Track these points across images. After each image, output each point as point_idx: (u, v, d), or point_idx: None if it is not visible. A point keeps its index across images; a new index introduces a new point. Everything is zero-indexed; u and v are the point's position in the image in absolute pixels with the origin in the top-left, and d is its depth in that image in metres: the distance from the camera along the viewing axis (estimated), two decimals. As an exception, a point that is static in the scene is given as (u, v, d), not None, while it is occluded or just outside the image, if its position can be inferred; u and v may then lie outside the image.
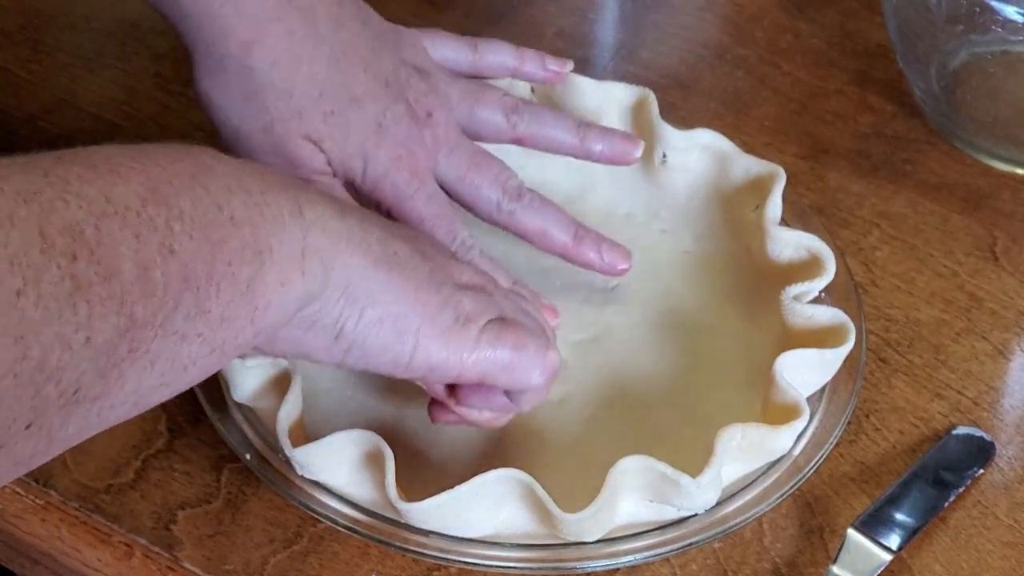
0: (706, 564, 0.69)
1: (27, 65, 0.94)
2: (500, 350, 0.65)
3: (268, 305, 0.56)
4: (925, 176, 0.88)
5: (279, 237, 0.57)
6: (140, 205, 0.50)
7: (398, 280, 0.62)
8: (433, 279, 0.64)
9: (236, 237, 0.54)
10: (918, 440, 0.74)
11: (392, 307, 0.62)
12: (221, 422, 0.71)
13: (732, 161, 0.81)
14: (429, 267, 0.64)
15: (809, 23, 0.99)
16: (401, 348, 0.63)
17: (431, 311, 0.63)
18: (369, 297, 0.61)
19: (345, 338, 0.62)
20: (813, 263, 0.76)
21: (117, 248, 0.49)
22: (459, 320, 0.64)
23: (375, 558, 0.68)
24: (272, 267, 0.56)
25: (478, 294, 0.66)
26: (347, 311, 0.61)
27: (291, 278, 0.57)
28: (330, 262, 0.59)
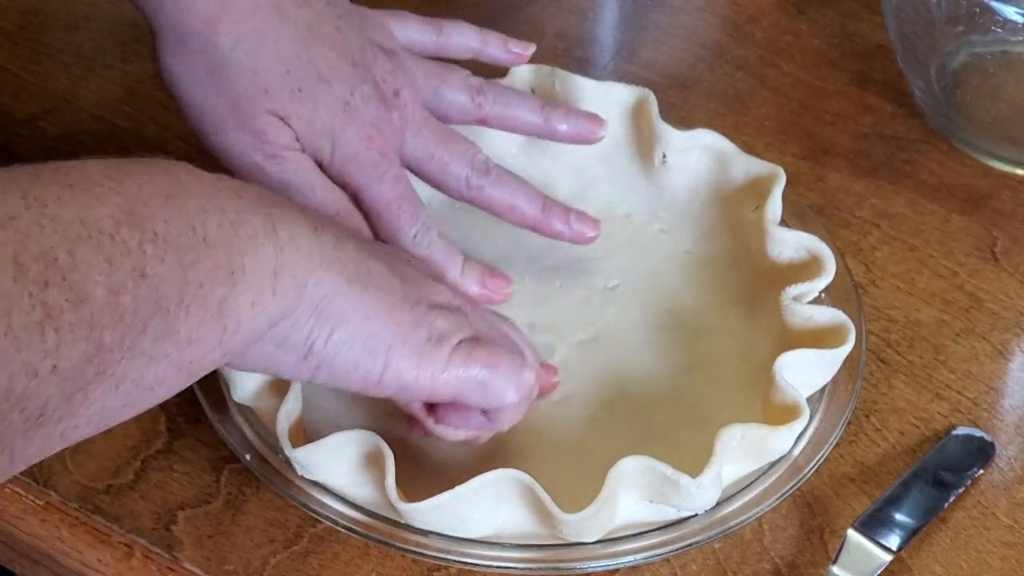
0: (706, 564, 0.69)
1: (27, 65, 0.94)
2: (472, 369, 0.65)
3: (238, 325, 0.57)
4: (925, 176, 0.88)
5: (252, 257, 0.57)
6: (114, 228, 0.51)
7: (371, 299, 0.62)
8: (407, 298, 0.64)
9: (209, 258, 0.55)
10: (918, 440, 0.75)
11: (363, 326, 0.62)
12: (221, 423, 0.71)
13: (732, 161, 0.81)
14: (404, 286, 0.64)
15: (809, 23, 0.99)
16: (371, 367, 0.63)
17: (403, 330, 0.63)
18: (341, 316, 0.61)
19: (315, 356, 0.62)
20: (813, 263, 0.76)
21: (89, 273, 0.49)
22: (431, 339, 0.64)
23: (375, 558, 0.69)
24: (244, 288, 0.56)
25: (453, 314, 0.66)
26: (317, 329, 0.61)
27: (262, 298, 0.57)
28: (303, 280, 0.59)
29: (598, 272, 0.81)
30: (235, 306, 0.56)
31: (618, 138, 0.83)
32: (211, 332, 0.55)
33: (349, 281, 0.61)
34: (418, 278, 0.66)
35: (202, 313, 0.54)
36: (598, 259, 0.81)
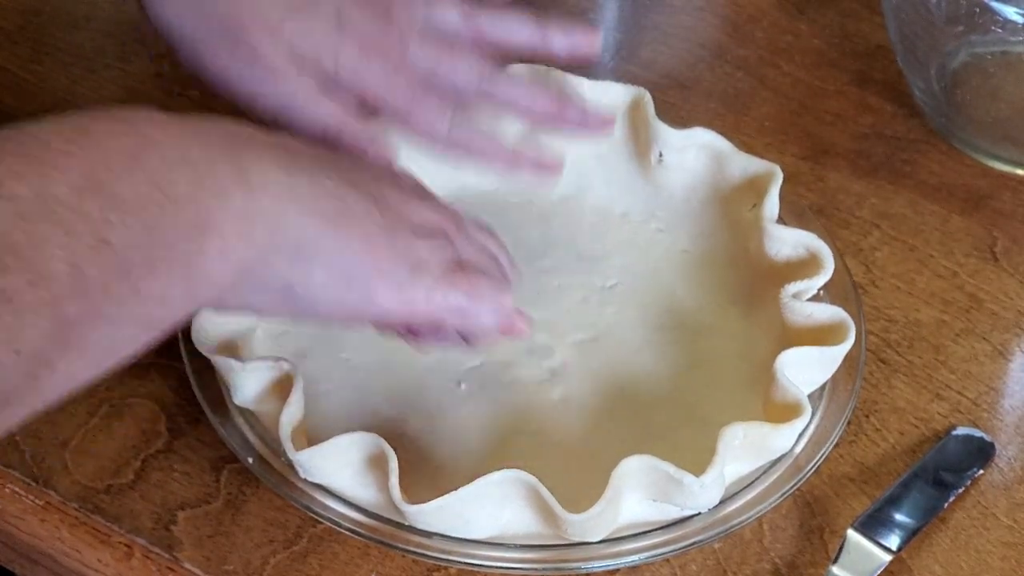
0: (706, 564, 0.69)
1: (28, 65, 0.94)
2: (452, 297, 0.64)
3: (208, 277, 0.56)
4: (925, 177, 0.88)
5: (222, 208, 0.55)
6: (75, 199, 0.50)
7: (350, 235, 0.61)
8: (388, 228, 0.62)
9: (176, 216, 0.53)
10: (918, 440, 0.75)
11: (343, 263, 0.61)
12: (222, 425, 0.71)
13: (729, 160, 0.81)
14: (385, 215, 0.63)
15: (809, 23, 0.99)
16: (353, 302, 0.62)
17: (384, 263, 0.62)
18: (319, 255, 0.60)
19: (295, 296, 0.60)
20: (811, 261, 0.76)
21: (48, 249, 0.49)
22: (413, 269, 0.63)
23: (375, 558, 0.69)
24: (212, 240, 0.55)
25: (435, 238, 0.65)
26: (296, 271, 0.60)
27: (233, 247, 0.56)
28: (276, 225, 0.58)
29: (596, 272, 0.81)
30: (203, 259, 0.55)
31: (615, 138, 0.83)
32: (180, 289, 0.54)
33: (325, 219, 0.60)
34: (401, 201, 0.65)
35: (170, 272, 0.53)
36: (596, 259, 0.81)
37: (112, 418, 0.73)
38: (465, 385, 0.75)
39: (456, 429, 0.73)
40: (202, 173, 0.55)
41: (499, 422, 0.73)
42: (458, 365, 0.75)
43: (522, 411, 0.74)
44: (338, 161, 0.65)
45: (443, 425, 0.73)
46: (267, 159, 0.59)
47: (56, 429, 0.73)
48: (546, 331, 0.77)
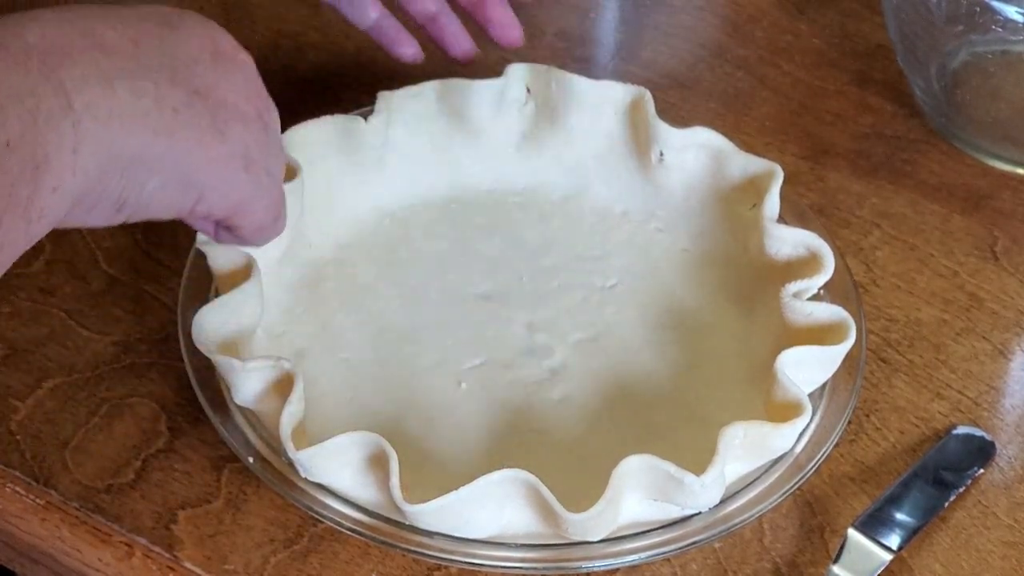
0: (706, 564, 0.69)
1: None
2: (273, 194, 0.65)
3: (42, 213, 0.55)
4: (925, 176, 0.89)
5: (53, 143, 0.55)
6: None
7: (179, 141, 0.60)
8: (215, 124, 0.61)
9: (13, 162, 0.53)
10: (918, 440, 0.75)
11: (176, 170, 0.60)
12: (222, 424, 0.71)
13: (729, 159, 0.81)
14: (211, 109, 0.61)
15: (809, 23, 0.99)
16: (185, 203, 0.62)
17: (216, 165, 0.61)
18: (150, 168, 0.59)
19: (128, 207, 0.60)
20: (812, 260, 0.76)
21: None
22: (246, 165, 0.63)
23: (376, 558, 0.69)
24: (47, 176, 0.55)
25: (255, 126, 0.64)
26: (128, 186, 0.59)
27: (63, 180, 0.56)
28: (104, 148, 0.57)
29: (596, 271, 0.81)
30: (40, 197, 0.55)
31: (615, 137, 0.83)
32: (18, 230, 0.55)
33: (154, 132, 0.58)
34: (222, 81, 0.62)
35: (11, 217, 0.54)
36: (596, 258, 0.81)
37: (112, 418, 0.73)
38: (465, 384, 0.75)
39: (456, 428, 0.73)
40: (31, 108, 0.54)
41: (499, 421, 0.73)
42: (458, 364, 0.75)
43: (522, 411, 0.74)
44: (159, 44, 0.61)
45: (443, 424, 0.73)
46: (89, 75, 0.57)
47: (56, 429, 0.73)
48: (546, 331, 0.77)
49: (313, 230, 0.78)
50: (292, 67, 0.94)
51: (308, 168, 0.77)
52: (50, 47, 0.56)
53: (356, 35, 0.86)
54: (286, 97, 0.72)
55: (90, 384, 0.75)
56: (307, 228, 0.78)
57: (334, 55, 0.95)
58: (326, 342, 0.76)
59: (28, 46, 0.56)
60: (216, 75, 0.62)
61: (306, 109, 0.81)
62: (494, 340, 0.77)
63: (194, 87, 0.61)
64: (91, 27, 0.58)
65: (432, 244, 0.81)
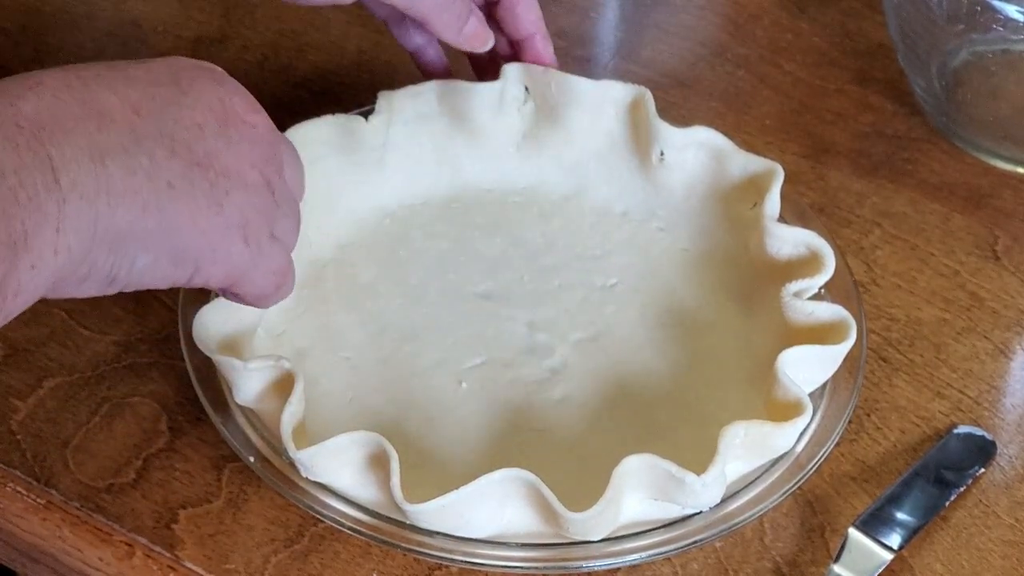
0: (707, 563, 0.69)
1: (29, 65, 0.93)
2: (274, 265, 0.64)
3: (18, 291, 0.54)
4: (926, 175, 0.89)
5: (35, 220, 0.54)
6: None
7: (171, 216, 0.58)
8: (214, 195, 0.60)
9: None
10: (919, 439, 0.75)
11: (167, 245, 0.59)
12: (223, 424, 0.71)
13: (729, 158, 0.81)
14: (211, 180, 0.60)
15: (810, 22, 0.99)
16: (179, 276, 0.61)
17: (212, 236, 0.60)
18: (141, 244, 0.58)
19: (119, 281, 0.59)
20: (812, 259, 0.76)
21: None
22: (243, 238, 0.61)
23: (376, 557, 0.69)
24: (25, 255, 0.54)
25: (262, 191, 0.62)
26: (118, 262, 0.58)
27: (43, 259, 0.54)
28: (89, 228, 0.56)
29: (596, 271, 0.81)
30: (16, 274, 0.54)
31: (615, 136, 0.83)
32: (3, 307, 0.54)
33: (145, 207, 0.57)
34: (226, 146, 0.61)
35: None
36: (596, 258, 0.81)
37: (113, 417, 0.74)
38: (466, 384, 0.75)
39: (457, 428, 0.73)
40: (12, 185, 0.53)
41: (500, 421, 0.73)
42: (459, 364, 0.75)
43: (523, 410, 0.74)
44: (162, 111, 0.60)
45: (444, 424, 0.73)
46: (78, 153, 0.56)
47: (57, 428, 0.73)
48: (547, 330, 0.77)
49: (313, 230, 0.78)
50: (293, 67, 0.94)
51: (308, 167, 0.76)
52: (44, 120, 0.55)
53: (357, 35, 0.86)
54: (287, 97, 0.72)
55: (91, 384, 0.75)
56: (307, 228, 0.78)
57: (335, 55, 0.95)
58: (327, 341, 0.76)
59: (22, 117, 0.55)
60: (221, 143, 0.60)
61: (307, 108, 0.81)
62: (495, 339, 0.77)
63: (195, 158, 0.59)
64: (93, 95, 0.57)
65: (432, 244, 0.81)
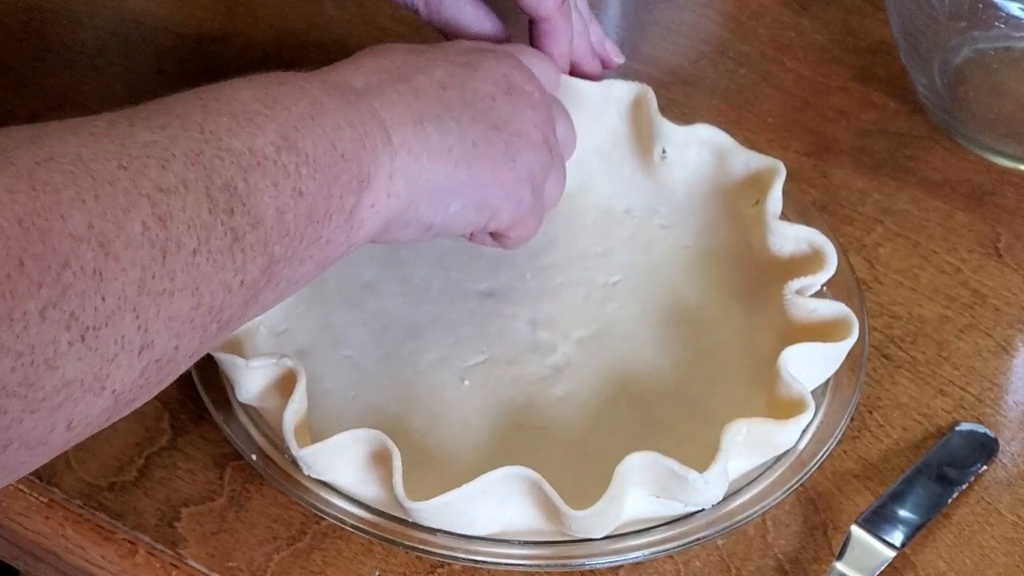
0: (709, 560, 0.69)
1: (30, 63, 0.94)
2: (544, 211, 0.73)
3: (362, 225, 0.64)
4: (928, 173, 0.88)
5: (375, 165, 0.63)
6: (276, 153, 0.58)
7: (478, 172, 0.68)
8: (507, 150, 0.69)
9: (346, 172, 0.62)
10: (921, 437, 0.75)
11: (474, 196, 0.68)
12: (225, 422, 0.71)
13: (731, 156, 0.81)
14: (505, 140, 0.69)
15: (812, 19, 0.99)
16: (481, 220, 0.70)
17: (508, 186, 0.69)
18: (452, 194, 0.67)
19: (434, 228, 0.68)
20: (814, 257, 0.76)
21: (262, 197, 0.57)
22: (532, 189, 0.71)
23: (379, 555, 0.69)
24: (368, 193, 0.63)
25: (542, 148, 0.71)
26: (435, 210, 0.67)
27: (380, 200, 0.64)
28: (415, 179, 0.65)
29: (599, 268, 0.81)
30: (361, 209, 0.63)
31: (617, 134, 0.83)
32: (343, 234, 0.63)
33: (456, 164, 0.67)
34: (514, 112, 0.70)
35: (339, 219, 0.62)
36: (599, 255, 0.81)
37: (115, 415, 0.73)
38: (468, 382, 0.75)
39: (459, 425, 0.73)
40: (361, 134, 0.63)
41: (502, 419, 0.73)
42: (461, 362, 0.75)
43: (525, 408, 0.74)
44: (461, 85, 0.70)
45: (446, 422, 0.73)
46: (404, 117, 0.66)
47: (60, 426, 0.73)
48: (549, 328, 0.77)
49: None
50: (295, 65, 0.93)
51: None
52: (373, 91, 0.66)
53: (359, 33, 0.86)
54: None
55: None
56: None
57: (337, 53, 0.94)
58: (329, 340, 0.76)
59: (355, 90, 0.65)
60: (509, 109, 0.70)
61: (309, 106, 0.81)
62: (497, 337, 0.77)
63: (492, 122, 0.69)
64: (405, 75, 0.68)
65: (434, 241, 0.81)
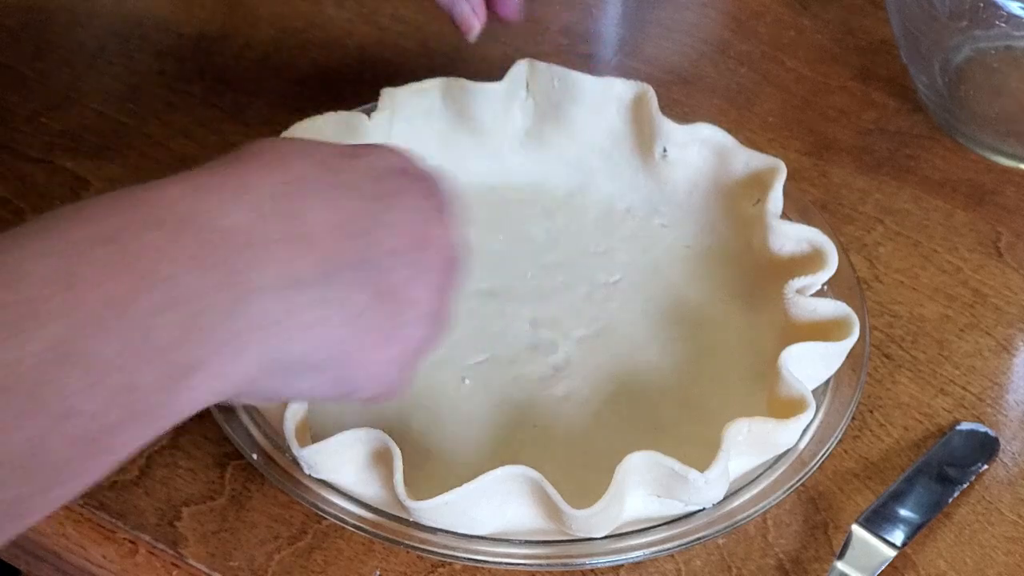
0: (710, 560, 0.69)
1: (30, 62, 0.94)
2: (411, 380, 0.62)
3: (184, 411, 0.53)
4: (929, 172, 0.88)
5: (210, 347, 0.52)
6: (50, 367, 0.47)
7: (347, 352, 0.57)
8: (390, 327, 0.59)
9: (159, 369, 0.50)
10: (922, 436, 0.75)
11: (333, 373, 0.58)
12: (227, 421, 0.71)
13: (732, 155, 0.81)
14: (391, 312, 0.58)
15: (812, 19, 0.99)
16: (334, 395, 0.60)
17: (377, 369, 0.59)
18: (309, 370, 0.57)
19: (276, 399, 0.61)
20: (815, 256, 0.76)
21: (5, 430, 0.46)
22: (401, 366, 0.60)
23: (379, 554, 0.69)
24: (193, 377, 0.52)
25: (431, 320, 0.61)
26: (282, 386, 0.57)
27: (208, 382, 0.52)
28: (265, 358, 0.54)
29: (600, 267, 0.81)
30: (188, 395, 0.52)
31: (618, 133, 0.83)
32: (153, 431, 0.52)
33: (323, 341, 0.56)
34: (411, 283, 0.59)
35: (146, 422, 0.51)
36: (600, 254, 0.81)
37: (116, 414, 0.73)
38: (469, 381, 0.75)
39: (460, 425, 0.73)
40: (196, 311, 0.51)
41: (503, 418, 0.73)
42: (462, 361, 0.75)
43: (526, 407, 0.74)
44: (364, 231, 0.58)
45: (447, 421, 0.73)
46: (275, 278, 0.54)
47: (60, 426, 0.73)
48: (550, 327, 0.77)
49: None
50: (295, 64, 0.94)
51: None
52: (245, 242, 0.53)
53: (359, 32, 0.86)
54: (289, 94, 0.72)
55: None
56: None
57: (337, 52, 0.95)
58: (330, 339, 0.76)
59: (225, 233, 0.53)
60: (410, 272, 0.59)
61: (309, 106, 0.81)
62: (498, 336, 0.77)
63: (384, 287, 0.58)
64: (300, 208, 0.55)
65: (435, 241, 0.81)
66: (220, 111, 0.90)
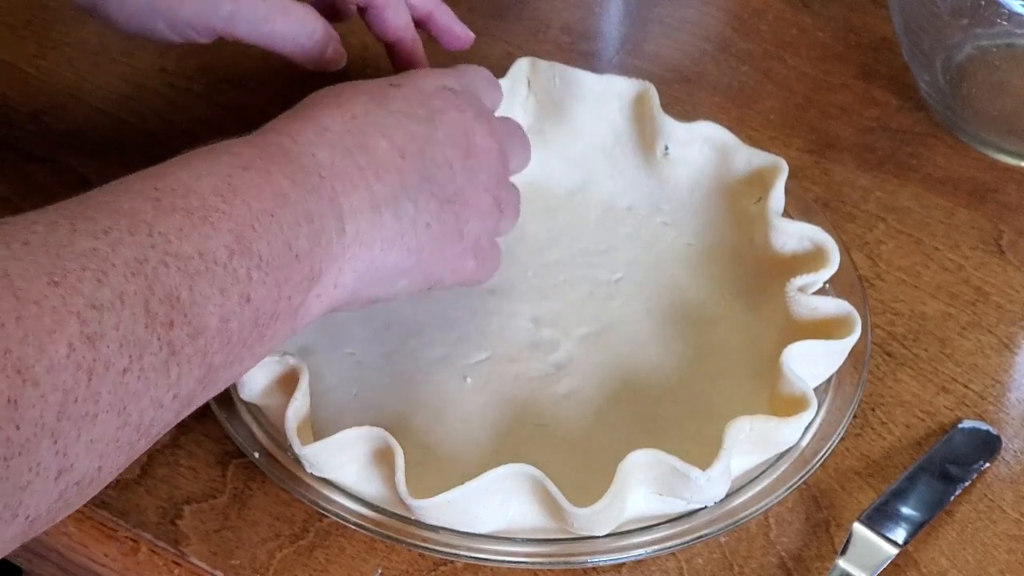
0: (712, 558, 0.69)
1: (33, 60, 0.94)
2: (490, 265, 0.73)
3: (306, 315, 0.63)
4: (930, 170, 0.88)
5: (327, 261, 0.63)
6: (227, 257, 0.57)
7: (427, 254, 0.68)
8: (458, 226, 0.69)
9: (298, 272, 0.61)
10: (924, 434, 0.75)
11: (420, 273, 0.68)
12: (228, 420, 0.71)
13: (734, 153, 0.81)
14: (456, 213, 0.69)
15: (814, 17, 0.99)
16: (424, 289, 0.70)
17: (453, 263, 0.70)
18: (400, 275, 0.67)
19: (378, 302, 0.68)
20: (817, 254, 0.76)
21: (206, 306, 0.55)
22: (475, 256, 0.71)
23: (381, 553, 0.69)
24: (316, 287, 0.63)
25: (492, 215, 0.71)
26: (380, 291, 0.67)
27: (326, 291, 0.64)
28: (364, 268, 0.65)
29: (601, 265, 0.81)
30: (308, 304, 0.63)
31: (620, 131, 0.83)
32: (287, 328, 0.62)
33: (408, 249, 0.67)
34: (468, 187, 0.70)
35: (285, 317, 0.61)
36: (601, 252, 0.81)
37: (118, 413, 0.73)
38: (471, 379, 0.75)
39: (462, 423, 0.73)
40: (317, 229, 0.62)
41: (505, 416, 0.73)
42: (464, 359, 0.75)
43: (528, 405, 0.74)
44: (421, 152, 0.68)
45: (449, 419, 0.73)
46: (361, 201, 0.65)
47: (62, 424, 0.73)
48: (552, 325, 0.77)
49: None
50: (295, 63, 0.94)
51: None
52: (337, 172, 0.64)
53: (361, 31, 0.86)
54: (289, 95, 0.72)
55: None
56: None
57: (339, 50, 0.95)
58: (331, 338, 0.76)
59: (320, 167, 0.64)
60: (465, 178, 0.70)
61: (311, 104, 0.81)
62: (499, 335, 0.77)
63: (446, 195, 0.69)
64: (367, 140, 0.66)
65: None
66: (222, 110, 0.90)
